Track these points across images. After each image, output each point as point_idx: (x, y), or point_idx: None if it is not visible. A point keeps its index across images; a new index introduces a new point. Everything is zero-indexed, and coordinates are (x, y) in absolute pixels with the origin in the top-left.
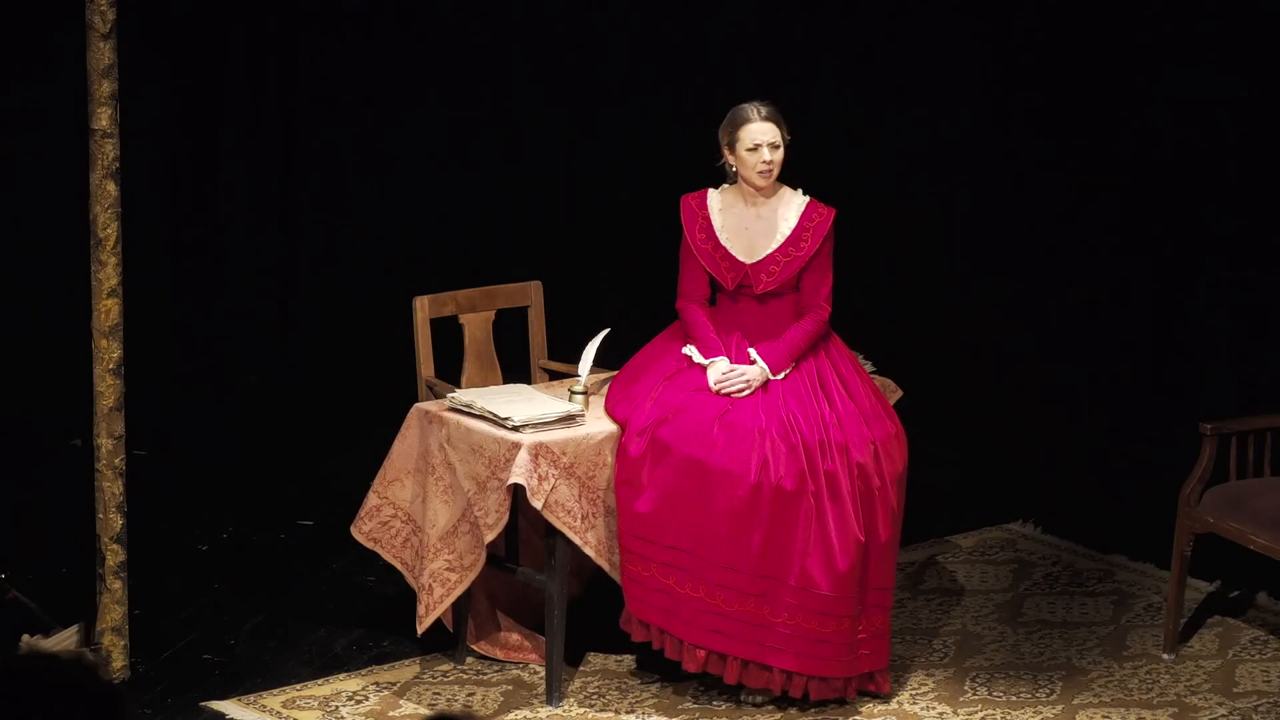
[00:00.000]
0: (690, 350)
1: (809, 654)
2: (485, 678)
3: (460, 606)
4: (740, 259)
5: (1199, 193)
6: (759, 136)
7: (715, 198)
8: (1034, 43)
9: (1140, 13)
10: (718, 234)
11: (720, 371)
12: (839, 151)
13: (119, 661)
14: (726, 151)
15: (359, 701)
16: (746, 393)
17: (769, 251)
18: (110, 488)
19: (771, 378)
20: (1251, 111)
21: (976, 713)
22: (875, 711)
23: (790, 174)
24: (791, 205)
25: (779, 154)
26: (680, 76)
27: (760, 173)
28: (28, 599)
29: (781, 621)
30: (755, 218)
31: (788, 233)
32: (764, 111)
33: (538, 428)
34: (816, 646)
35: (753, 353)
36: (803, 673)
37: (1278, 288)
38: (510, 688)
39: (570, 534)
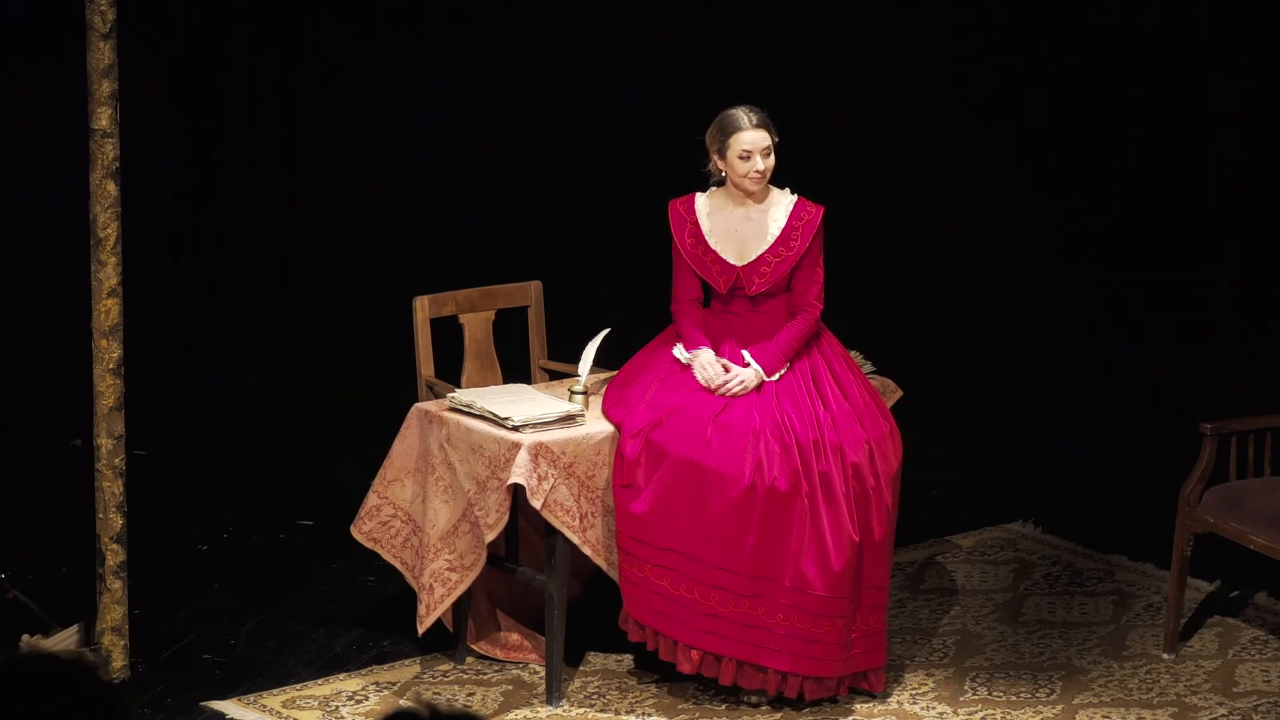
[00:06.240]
0: (678, 350)
1: (803, 654)
2: (485, 678)
3: (460, 606)
4: (731, 262)
5: (1199, 192)
6: (751, 145)
7: (703, 201)
8: (1034, 40)
9: (1140, 12)
10: (707, 238)
11: (706, 364)
12: (838, 152)
13: (119, 661)
14: (715, 157)
15: (359, 701)
16: (741, 392)
17: (760, 253)
18: (110, 488)
19: (766, 379)
20: (1251, 111)
21: (976, 713)
22: (874, 711)
23: (790, 174)
24: (780, 205)
25: (771, 160)
26: (681, 75)
27: (753, 180)
28: (28, 599)
29: (777, 622)
30: (744, 220)
31: (777, 233)
32: (755, 119)
33: (537, 428)
34: (811, 647)
35: (746, 355)
36: (797, 673)
37: (1277, 288)
38: (510, 688)
39: (569, 533)
